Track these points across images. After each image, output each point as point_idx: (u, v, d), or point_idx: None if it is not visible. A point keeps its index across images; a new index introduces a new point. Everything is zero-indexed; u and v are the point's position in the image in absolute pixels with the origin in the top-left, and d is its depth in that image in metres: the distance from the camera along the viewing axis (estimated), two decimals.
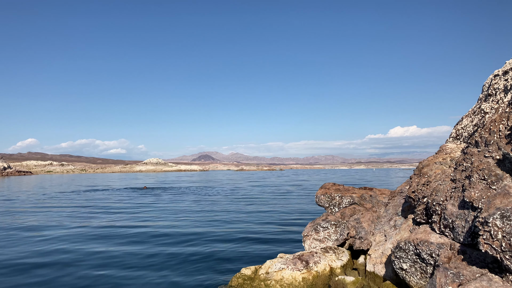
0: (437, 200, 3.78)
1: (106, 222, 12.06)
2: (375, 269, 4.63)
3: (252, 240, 8.90)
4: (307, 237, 5.91)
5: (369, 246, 5.29)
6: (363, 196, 6.61)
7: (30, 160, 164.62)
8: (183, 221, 12.18)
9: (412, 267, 3.65)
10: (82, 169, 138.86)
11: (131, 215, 13.83)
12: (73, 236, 9.66)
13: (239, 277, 4.84)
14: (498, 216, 2.61)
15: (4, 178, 69.65)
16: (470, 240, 3.18)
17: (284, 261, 4.86)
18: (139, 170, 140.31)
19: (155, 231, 10.30)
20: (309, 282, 4.54)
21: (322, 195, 6.84)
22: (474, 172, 3.36)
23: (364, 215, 5.93)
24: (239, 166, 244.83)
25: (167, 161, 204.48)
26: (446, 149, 5.03)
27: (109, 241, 8.99)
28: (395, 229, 4.88)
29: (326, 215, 6.20)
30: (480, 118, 5.18)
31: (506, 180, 3.02)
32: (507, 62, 5.04)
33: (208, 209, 15.54)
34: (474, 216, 3.13)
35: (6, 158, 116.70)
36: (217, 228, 10.71)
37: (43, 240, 9.25)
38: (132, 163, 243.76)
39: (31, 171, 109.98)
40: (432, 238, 3.55)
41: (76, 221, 12.36)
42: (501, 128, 3.33)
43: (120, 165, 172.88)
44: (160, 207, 16.57)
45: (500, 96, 4.89)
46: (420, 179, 4.52)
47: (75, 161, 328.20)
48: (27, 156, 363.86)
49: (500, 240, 2.57)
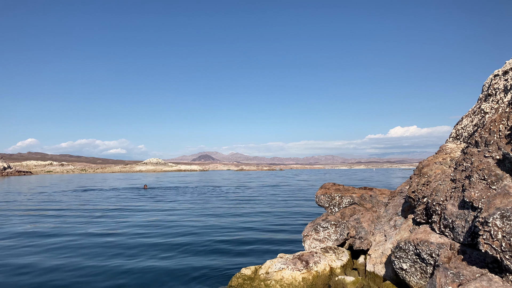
0: (437, 200, 3.78)
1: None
2: (375, 269, 4.63)
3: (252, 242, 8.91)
4: (307, 237, 5.91)
5: (369, 246, 5.28)
6: (363, 196, 6.61)
7: (30, 160, 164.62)
8: (205, 217, 12.21)
9: (412, 267, 3.65)
10: (82, 169, 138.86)
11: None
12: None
13: (239, 277, 4.83)
14: (498, 216, 2.61)
15: (4, 178, 69.62)
16: (470, 240, 3.18)
17: (284, 261, 4.86)
18: (139, 170, 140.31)
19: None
20: (309, 282, 4.54)
21: (322, 195, 6.83)
22: (474, 172, 3.36)
23: (364, 215, 5.93)
24: (239, 166, 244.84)
25: (167, 161, 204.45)
26: (446, 149, 5.03)
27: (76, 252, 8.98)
28: (395, 229, 4.88)
29: (326, 215, 6.19)
30: (480, 118, 5.17)
31: (506, 180, 3.02)
32: (507, 62, 5.04)
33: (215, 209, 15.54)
34: (474, 216, 3.13)
35: (6, 158, 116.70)
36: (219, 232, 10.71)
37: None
38: (132, 163, 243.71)
39: (31, 171, 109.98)
40: (432, 238, 3.55)
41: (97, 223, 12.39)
42: (501, 128, 3.33)
43: (120, 165, 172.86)
44: (163, 208, 16.58)
45: (500, 96, 4.89)
46: (420, 179, 4.52)
47: (75, 161, 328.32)
48: (27, 156, 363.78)
49: (500, 240, 2.57)
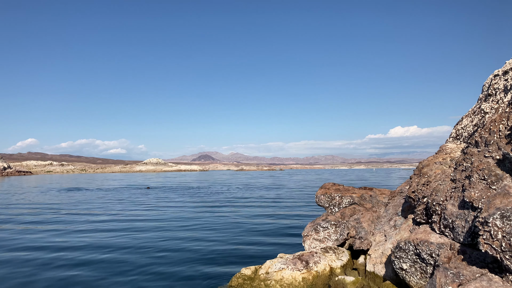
0: (437, 200, 3.78)
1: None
2: (375, 269, 4.63)
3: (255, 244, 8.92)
4: (307, 237, 5.91)
5: (369, 246, 5.28)
6: (363, 196, 6.61)
7: (30, 160, 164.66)
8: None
9: (412, 267, 3.65)
10: (82, 169, 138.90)
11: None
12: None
13: (239, 277, 4.83)
14: (498, 216, 2.61)
15: (4, 178, 69.67)
16: (470, 240, 3.18)
17: (284, 261, 4.86)
18: (139, 170, 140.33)
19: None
20: (309, 282, 4.54)
21: (322, 195, 6.83)
22: (474, 172, 3.36)
23: (364, 215, 5.93)
24: (239, 166, 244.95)
25: (167, 161, 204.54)
26: (446, 149, 5.03)
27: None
28: (395, 229, 4.88)
29: (326, 215, 6.19)
30: (480, 118, 5.17)
31: (506, 180, 3.02)
32: (507, 62, 5.04)
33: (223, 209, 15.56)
34: (474, 216, 3.13)
35: (6, 158, 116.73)
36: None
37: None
38: (132, 163, 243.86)
39: (31, 171, 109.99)
40: (432, 238, 3.55)
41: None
42: (501, 128, 3.33)
43: (120, 165, 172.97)
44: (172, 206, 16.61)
45: (500, 96, 4.89)
46: (420, 179, 4.52)
47: (75, 161, 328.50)
48: (27, 156, 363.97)
49: (500, 240, 2.57)
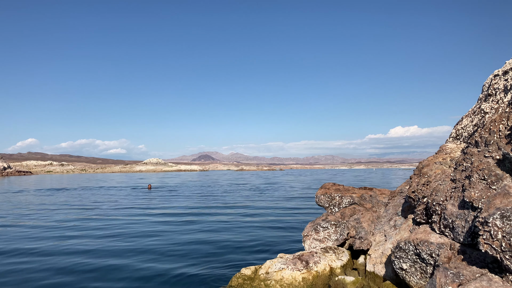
0: (437, 200, 3.78)
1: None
2: (375, 269, 4.63)
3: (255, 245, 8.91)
4: (307, 237, 5.91)
5: (369, 246, 5.28)
6: (363, 196, 6.61)
7: (30, 160, 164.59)
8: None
9: (412, 267, 3.65)
10: (82, 169, 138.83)
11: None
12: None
13: (239, 277, 4.83)
14: (498, 216, 2.61)
15: (4, 178, 69.61)
16: (470, 240, 3.18)
17: (284, 261, 4.86)
18: (139, 170, 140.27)
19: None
20: (309, 282, 4.54)
21: (322, 195, 6.83)
22: (474, 172, 3.36)
23: (364, 215, 5.93)
24: (239, 166, 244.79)
25: (167, 161, 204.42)
26: (446, 149, 5.03)
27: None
28: (395, 229, 4.88)
29: (326, 215, 6.19)
30: (480, 118, 5.17)
31: (506, 180, 3.02)
32: (507, 62, 5.04)
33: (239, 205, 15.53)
34: (474, 216, 3.13)
35: (6, 158, 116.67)
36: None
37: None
38: (132, 163, 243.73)
39: (31, 171, 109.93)
40: (432, 238, 3.55)
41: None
42: (501, 128, 3.32)
43: (120, 165, 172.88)
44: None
45: (500, 96, 4.89)
46: (420, 179, 4.52)
47: (75, 161, 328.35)
48: (27, 156, 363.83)
49: (500, 240, 2.57)
